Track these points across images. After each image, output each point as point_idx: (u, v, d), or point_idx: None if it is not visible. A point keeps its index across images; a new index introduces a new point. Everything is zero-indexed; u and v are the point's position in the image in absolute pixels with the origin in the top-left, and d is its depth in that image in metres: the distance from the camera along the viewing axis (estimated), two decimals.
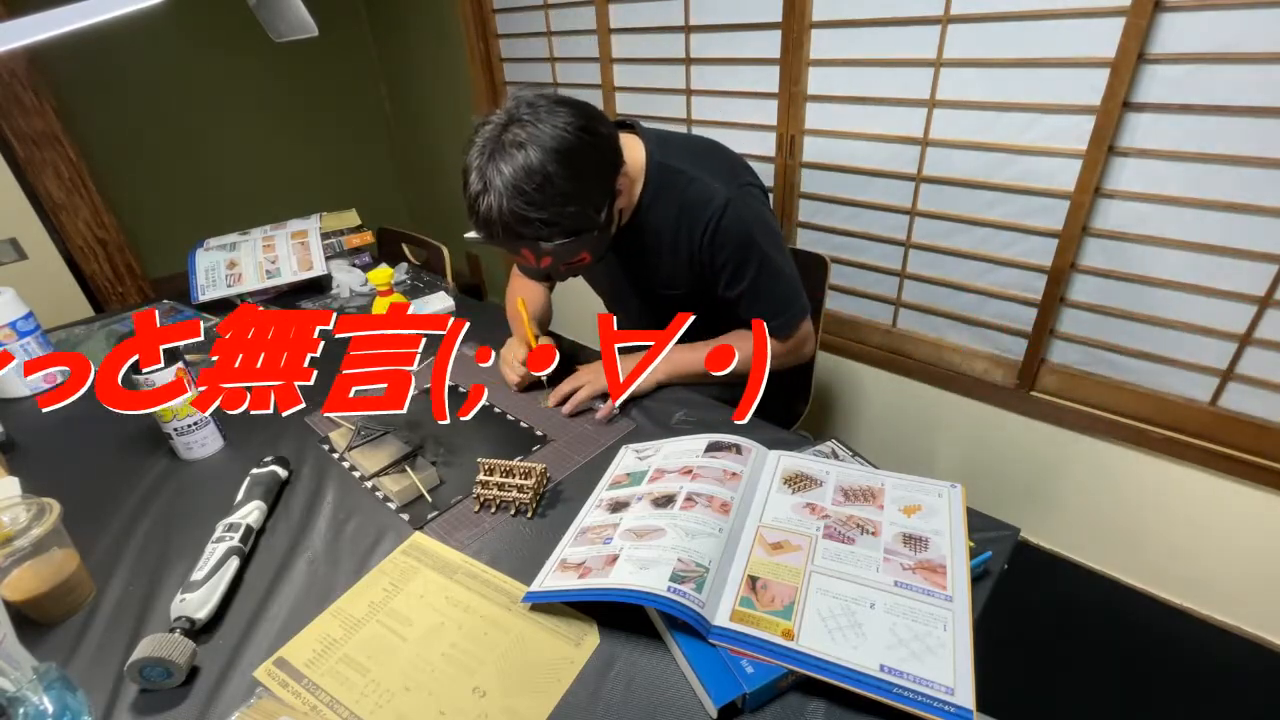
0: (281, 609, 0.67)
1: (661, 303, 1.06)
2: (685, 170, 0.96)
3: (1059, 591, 1.51)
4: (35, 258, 1.88)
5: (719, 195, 0.94)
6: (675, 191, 0.96)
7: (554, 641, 0.62)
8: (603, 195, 0.86)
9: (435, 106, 2.68)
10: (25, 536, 0.63)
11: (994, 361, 1.52)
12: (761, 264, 0.97)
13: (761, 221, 0.97)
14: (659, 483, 0.75)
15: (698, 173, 0.96)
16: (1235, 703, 1.25)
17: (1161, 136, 1.15)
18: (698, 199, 0.95)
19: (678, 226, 0.97)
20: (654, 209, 0.97)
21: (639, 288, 1.10)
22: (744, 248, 0.96)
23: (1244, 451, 1.24)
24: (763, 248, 0.97)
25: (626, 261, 1.06)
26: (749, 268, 0.97)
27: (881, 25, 1.37)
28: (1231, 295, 1.17)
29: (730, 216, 0.94)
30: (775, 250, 0.99)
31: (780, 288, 1.01)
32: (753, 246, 0.96)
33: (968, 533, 0.65)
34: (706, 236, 0.95)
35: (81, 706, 0.55)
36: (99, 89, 2.20)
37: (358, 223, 1.53)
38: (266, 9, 0.84)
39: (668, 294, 1.06)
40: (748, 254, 0.97)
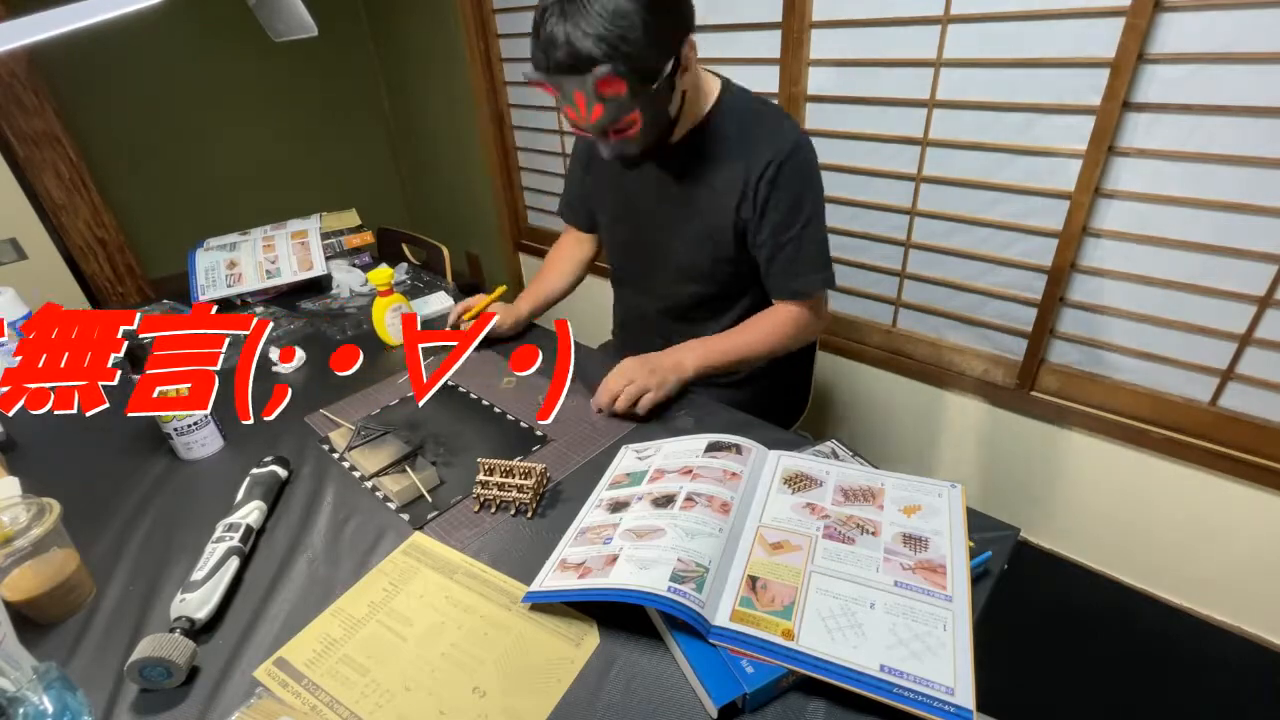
0: (281, 609, 0.67)
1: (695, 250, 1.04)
2: (758, 103, 0.97)
3: (1059, 591, 1.51)
4: (35, 258, 1.88)
5: (792, 132, 0.94)
6: (742, 116, 0.96)
7: (554, 641, 0.62)
8: (671, 50, 0.82)
9: (435, 106, 2.68)
10: (25, 536, 0.63)
11: (994, 361, 1.52)
12: (814, 214, 0.97)
13: (819, 172, 0.98)
14: (659, 483, 0.75)
15: (769, 111, 0.97)
16: (1235, 702, 1.25)
17: (1161, 136, 1.15)
18: (770, 129, 0.94)
19: (742, 150, 0.95)
20: (717, 129, 0.96)
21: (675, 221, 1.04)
22: (804, 191, 0.95)
23: (1244, 451, 1.24)
24: (819, 197, 0.97)
25: (671, 185, 1.02)
26: (802, 213, 0.96)
27: (881, 25, 1.37)
28: (1231, 295, 1.17)
29: (800, 157, 0.94)
30: (823, 206, 0.99)
31: (824, 244, 1.00)
32: (811, 193, 0.96)
33: (968, 533, 0.65)
34: (771, 170, 0.93)
35: (81, 706, 0.55)
36: (99, 89, 2.20)
37: (358, 223, 1.53)
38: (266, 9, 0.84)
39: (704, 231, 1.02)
40: (804, 199, 0.95)
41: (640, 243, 1.12)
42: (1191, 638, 1.38)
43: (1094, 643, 1.37)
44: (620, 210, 1.12)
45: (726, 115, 0.96)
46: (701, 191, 0.99)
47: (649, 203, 1.06)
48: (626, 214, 1.11)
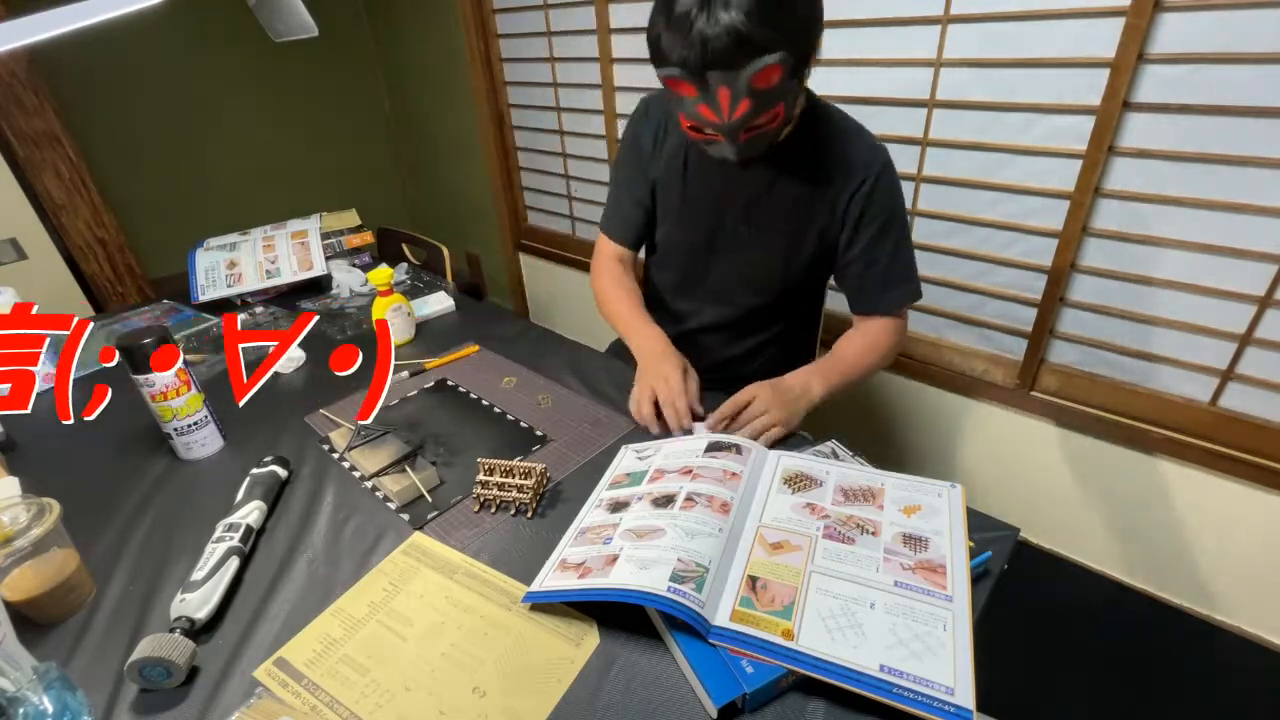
0: (281, 609, 0.67)
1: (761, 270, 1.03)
2: (842, 119, 0.95)
3: (1059, 591, 1.51)
4: (35, 258, 1.88)
5: (883, 152, 0.93)
6: (834, 132, 0.94)
7: (554, 641, 0.62)
8: (812, 45, 0.78)
9: (435, 106, 2.68)
10: (25, 536, 0.63)
11: (994, 361, 1.52)
12: (904, 230, 0.97)
13: (903, 191, 0.97)
14: (659, 483, 0.75)
15: (856, 128, 0.95)
16: (1235, 703, 1.25)
17: (1161, 136, 1.15)
18: (862, 148, 0.93)
19: (831, 170, 0.93)
20: (810, 143, 0.93)
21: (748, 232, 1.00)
22: (896, 210, 0.95)
23: (1244, 451, 1.24)
24: (905, 216, 0.98)
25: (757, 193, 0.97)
26: (894, 231, 0.96)
27: (881, 25, 1.37)
28: (1231, 295, 1.17)
29: (890, 174, 0.93)
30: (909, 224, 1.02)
31: (912, 260, 1.00)
32: (901, 210, 0.96)
33: (968, 533, 0.65)
34: (866, 186, 0.92)
35: (81, 706, 0.55)
36: (99, 89, 2.20)
37: (358, 223, 1.53)
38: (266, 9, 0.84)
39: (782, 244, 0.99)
40: (896, 216, 0.96)
41: (707, 247, 1.05)
42: (1191, 638, 1.38)
43: (1094, 643, 1.37)
44: (692, 211, 1.04)
45: (818, 124, 0.94)
46: (789, 202, 0.97)
47: (729, 206, 1.00)
48: (699, 216, 1.03)
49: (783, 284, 1.04)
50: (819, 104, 0.95)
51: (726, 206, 1.01)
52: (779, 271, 1.03)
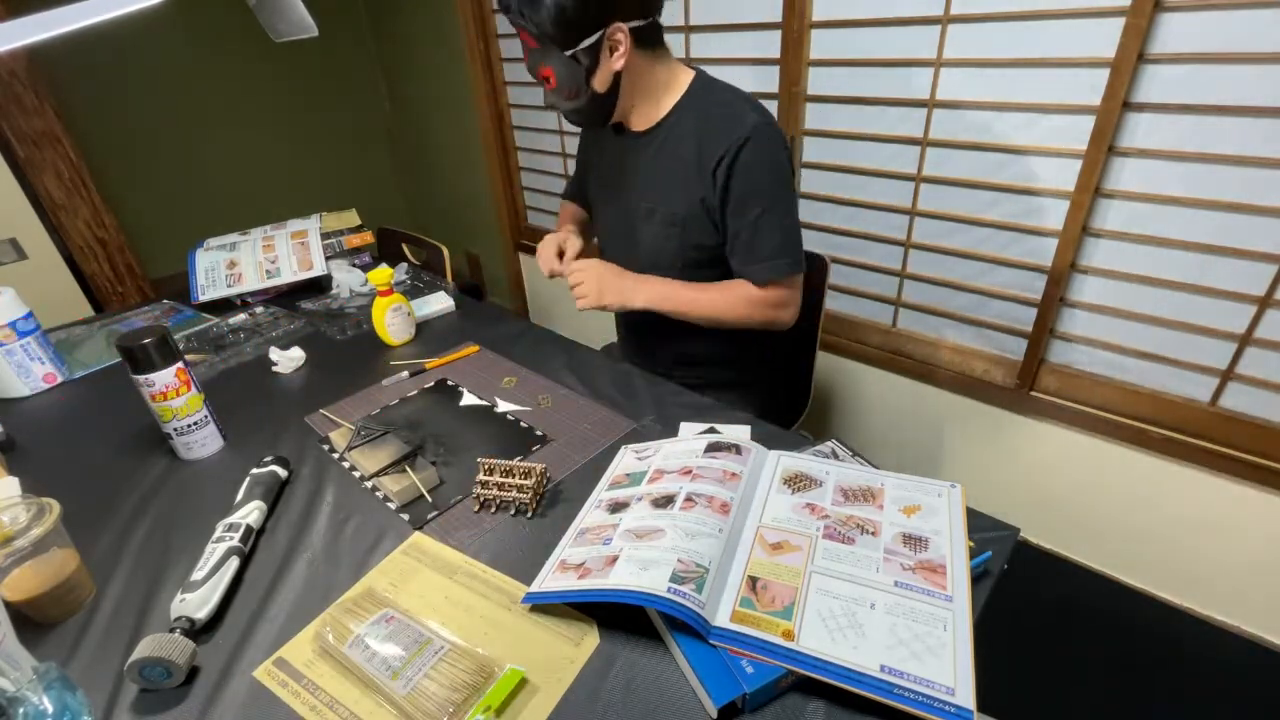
0: (281, 609, 0.67)
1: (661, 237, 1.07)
2: (719, 91, 0.99)
3: (1059, 591, 1.51)
4: (35, 258, 1.88)
5: (749, 119, 0.94)
6: (705, 106, 0.98)
7: (554, 641, 0.62)
8: (585, 27, 0.88)
9: (435, 106, 2.68)
10: (25, 536, 0.63)
11: (994, 361, 1.52)
12: (773, 202, 0.97)
13: (781, 160, 0.98)
14: (659, 483, 0.75)
15: (733, 98, 0.98)
16: (1235, 703, 1.25)
17: (1161, 136, 1.15)
18: (727, 116, 0.96)
19: (701, 139, 0.97)
20: (681, 120, 0.99)
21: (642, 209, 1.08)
22: (761, 179, 0.96)
23: (1244, 451, 1.24)
24: (778, 185, 0.98)
25: (639, 174, 1.06)
26: (758, 201, 0.97)
27: (881, 25, 1.37)
28: (1231, 295, 1.17)
29: (757, 144, 0.94)
30: (787, 194, 0.99)
31: (781, 233, 1.00)
32: (769, 181, 0.97)
33: (968, 533, 0.65)
34: (729, 156, 0.94)
35: (81, 706, 0.55)
36: (99, 89, 2.20)
37: (358, 223, 1.53)
38: (266, 9, 0.84)
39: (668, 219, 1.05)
40: (762, 186, 0.96)
41: (617, 231, 1.15)
42: (1191, 638, 1.38)
43: (1094, 643, 1.37)
44: (602, 197, 1.18)
45: (690, 107, 0.99)
46: (665, 181, 1.02)
47: (623, 190, 1.10)
48: (606, 201, 1.16)
49: (683, 259, 1.06)
50: (703, 85, 1.00)
51: (621, 193, 1.10)
52: (674, 250, 1.06)
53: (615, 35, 0.90)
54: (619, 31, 0.90)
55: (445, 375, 1.07)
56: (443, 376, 1.07)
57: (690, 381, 1.06)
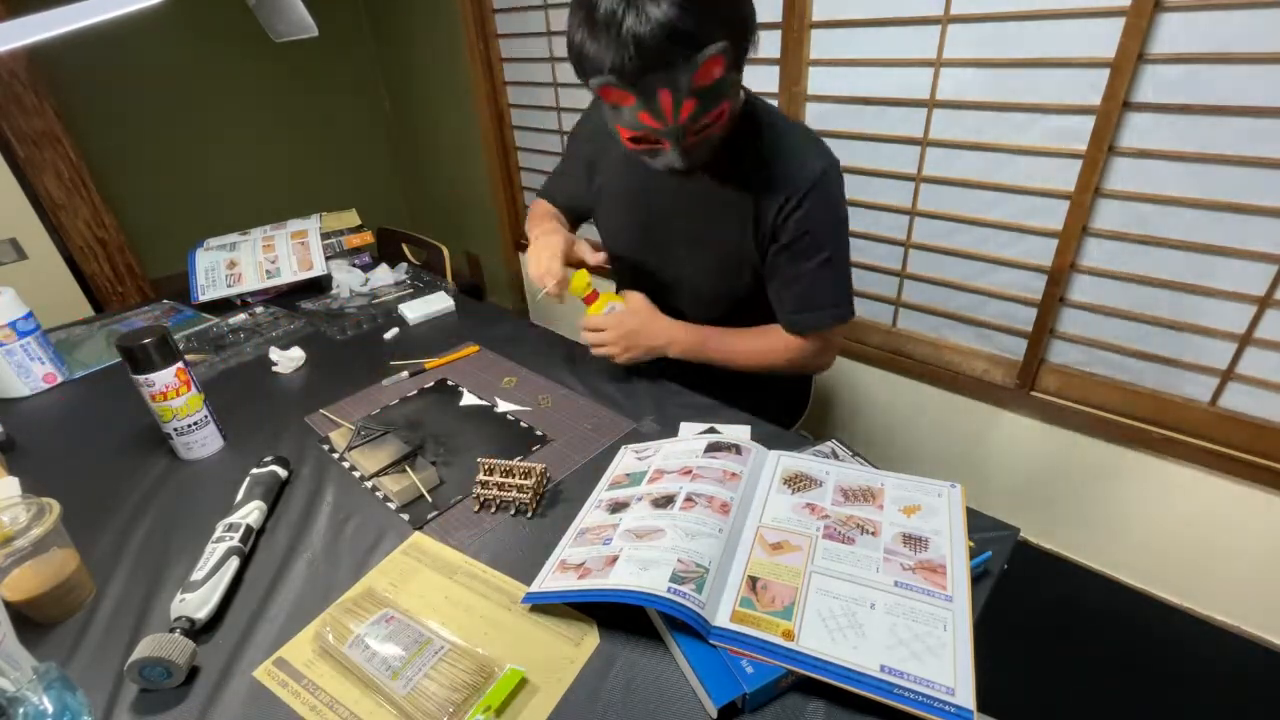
0: (281, 609, 0.67)
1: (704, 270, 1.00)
2: (780, 123, 0.89)
3: (1059, 591, 1.51)
4: (35, 258, 1.88)
5: (816, 164, 0.86)
6: (768, 139, 0.88)
7: (554, 641, 0.62)
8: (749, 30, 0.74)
9: (435, 106, 2.68)
10: (25, 536, 0.63)
11: (994, 361, 1.52)
12: (835, 251, 0.91)
13: (842, 207, 0.92)
14: (659, 483, 0.75)
15: (795, 133, 0.89)
16: (1235, 703, 1.25)
17: (1161, 136, 1.15)
18: (792, 160, 0.87)
19: (762, 178, 0.88)
20: (742, 150, 0.88)
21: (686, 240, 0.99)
22: (825, 228, 0.89)
23: (1244, 451, 1.24)
24: (839, 235, 0.92)
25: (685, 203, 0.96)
26: (820, 250, 0.90)
27: (881, 25, 1.37)
28: (1231, 295, 1.17)
29: (822, 191, 0.86)
30: (846, 243, 0.94)
31: (838, 282, 0.94)
32: (832, 230, 0.91)
33: (968, 533, 0.65)
34: (791, 204, 0.86)
35: (81, 706, 0.55)
36: (99, 89, 2.20)
37: (358, 223, 1.53)
38: (266, 8, 0.84)
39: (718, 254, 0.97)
40: (825, 236, 0.90)
41: (649, 260, 1.05)
42: (1191, 638, 1.38)
43: (1094, 643, 1.37)
44: (628, 221, 1.04)
45: (754, 128, 0.88)
46: (717, 213, 0.93)
47: (665, 221, 0.99)
48: (635, 226, 1.03)
49: (728, 294, 1.01)
50: (757, 106, 0.90)
51: (664, 222, 0.99)
52: (724, 289, 1.00)
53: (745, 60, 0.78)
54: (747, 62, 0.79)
55: (445, 375, 1.07)
56: (443, 376, 1.07)
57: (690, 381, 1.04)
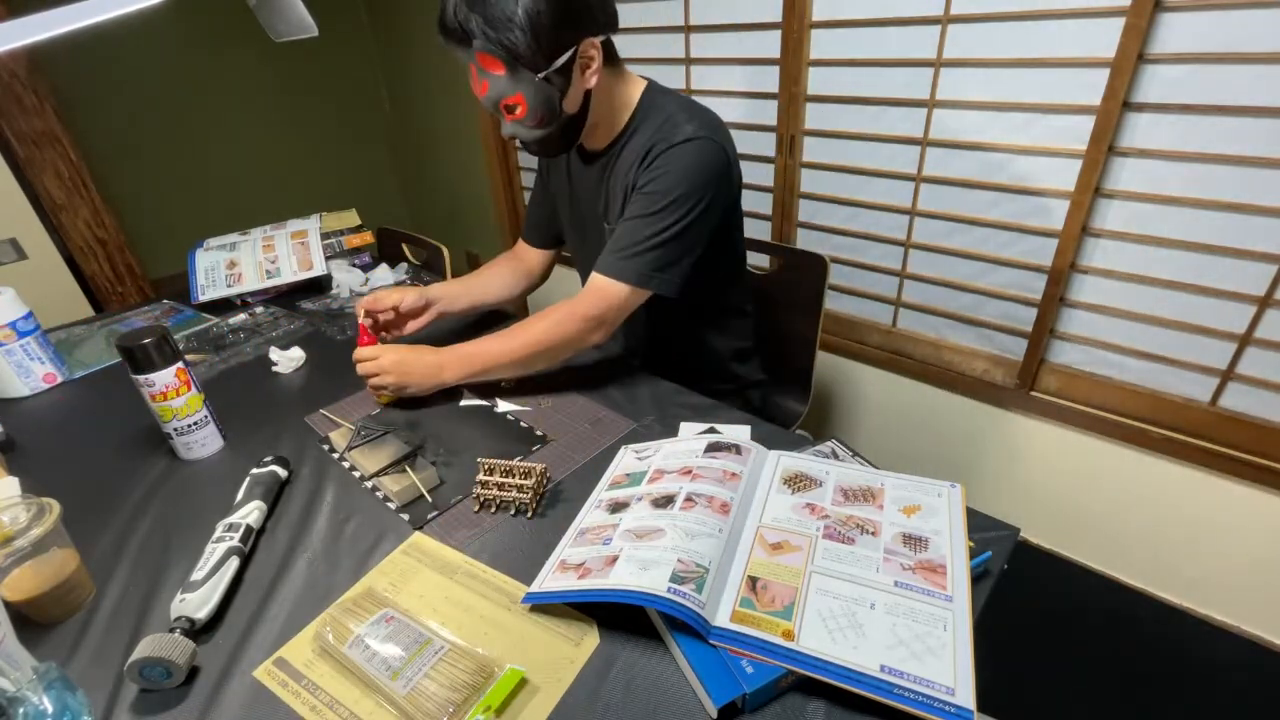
0: (281, 609, 0.67)
1: None
2: (669, 110, 0.93)
3: (1059, 591, 1.51)
4: (35, 258, 1.88)
5: (684, 129, 0.90)
6: (652, 126, 0.93)
7: (554, 641, 0.62)
8: (560, 44, 0.82)
9: (435, 106, 2.68)
10: (25, 536, 0.63)
11: (994, 361, 1.52)
12: (670, 218, 0.89)
13: (702, 182, 0.89)
14: (658, 483, 0.75)
15: (679, 110, 0.93)
16: (1235, 703, 1.25)
17: (1161, 136, 1.15)
18: (661, 128, 0.92)
19: (635, 148, 0.94)
20: (635, 133, 0.95)
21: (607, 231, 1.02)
22: (670, 188, 0.89)
23: (1244, 451, 1.24)
24: (684, 205, 0.89)
25: (601, 194, 1.02)
26: (656, 208, 0.89)
27: (881, 25, 1.37)
28: (1231, 295, 1.17)
29: (681, 152, 0.89)
30: (688, 213, 0.89)
31: (658, 246, 0.90)
32: (679, 195, 0.89)
33: (968, 533, 0.65)
34: (650, 159, 0.91)
35: (81, 706, 0.55)
36: (99, 89, 2.20)
37: (358, 223, 1.53)
38: (266, 9, 0.84)
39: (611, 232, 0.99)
40: (666, 197, 0.89)
41: (586, 253, 1.10)
42: (1191, 638, 1.38)
43: (1094, 643, 1.37)
44: (570, 219, 1.13)
45: (642, 118, 0.95)
46: (616, 197, 0.98)
47: (589, 214, 1.06)
48: (576, 228, 1.12)
49: None
50: (652, 99, 0.96)
51: (585, 215, 1.07)
52: None
53: (589, 51, 0.85)
54: (591, 47, 0.85)
55: None
56: None
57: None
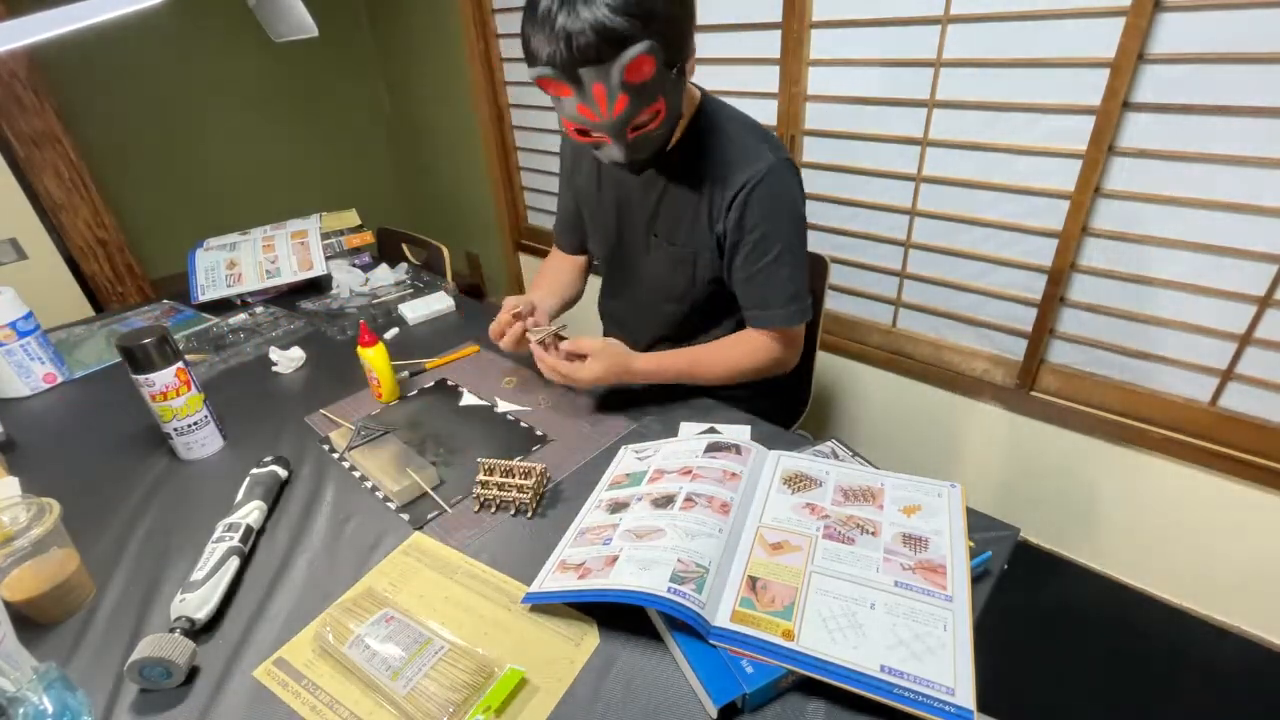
0: (281, 609, 0.67)
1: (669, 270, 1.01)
2: (734, 132, 0.91)
3: (1059, 591, 1.51)
4: (35, 258, 1.88)
5: (765, 158, 0.88)
6: (720, 139, 0.91)
7: (554, 641, 0.62)
8: (685, 46, 0.78)
9: (435, 106, 2.68)
10: (25, 536, 0.63)
11: (994, 361, 1.52)
12: (787, 246, 0.92)
13: (797, 202, 0.93)
14: (659, 483, 0.75)
15: (746, 131, 0.92)
16: (1235, 703, 1.25)
17: (1161, 136, 1.15)
18: (742, 155, 0.89)
19: (714, 176, 0.91)
20: (696, 150, 0.91)
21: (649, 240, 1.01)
22: (775, 222, 0.90)
23: (1244, 451, 1.24)
24: (792, 229, 0.92)
25: (645, 202, 0.99)
26: (773, 244, 0.91)
27: (881, 25, 1.37)
28: (1231, 295, 1.17)
29: (771, 184, 0.88)
30: (800, 238, 0.94)
31: (795, 278, 0.94)
32: (784, 224, 0.91)
33: (968, 533, 0.65)
34: (740, 197, 0.88)
35: (81, 706, 0.55)
36: (99, 89, 2.20)
37: (358, 223, 1.53)
38: (266, 9, 0.85)
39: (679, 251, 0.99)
40: (777, 230, 0.90)
41: (621, 259, 1.09)
42: (1191, 638, 1.38)
43: (1094, 643, 1.37)
44: (603, 224, 1.08)
45: (707, 128, 0.92)
46: (679, 211, 0.96)
47: (631, 218, 1.03)
48: (609, 229, 1.07)
49: (695, 291, 1.02)
50: (714, 108, 0.93)
51: (630, 219, 1.02)
52: (687, 280, 1.01)
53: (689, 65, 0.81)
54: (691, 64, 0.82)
55: (445, 375, 1.07)
56: (443, 376, 1.07)
57: None
